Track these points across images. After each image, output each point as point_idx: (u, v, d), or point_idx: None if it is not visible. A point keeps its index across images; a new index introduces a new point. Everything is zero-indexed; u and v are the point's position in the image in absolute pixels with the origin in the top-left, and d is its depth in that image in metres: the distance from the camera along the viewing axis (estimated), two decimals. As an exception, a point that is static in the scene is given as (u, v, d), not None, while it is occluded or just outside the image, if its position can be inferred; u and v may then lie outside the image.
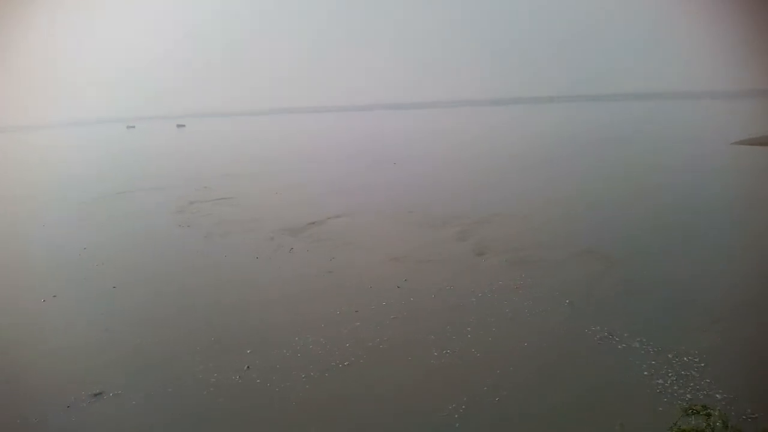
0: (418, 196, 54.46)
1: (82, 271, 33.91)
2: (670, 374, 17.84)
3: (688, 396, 16.49)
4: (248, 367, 20.33)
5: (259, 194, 61.86)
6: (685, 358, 18.76)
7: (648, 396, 16.83)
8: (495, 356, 19.86)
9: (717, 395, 16.44)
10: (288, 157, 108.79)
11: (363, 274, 30.27)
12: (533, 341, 20.96)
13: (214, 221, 46.88)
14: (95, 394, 18.91)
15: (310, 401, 18.00)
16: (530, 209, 45.98)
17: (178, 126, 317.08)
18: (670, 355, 18.98)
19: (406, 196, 54.94)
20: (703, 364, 18.31)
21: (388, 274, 29.90)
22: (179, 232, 43.73)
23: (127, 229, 45.71)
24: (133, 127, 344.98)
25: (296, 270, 31.87)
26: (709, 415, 9.87)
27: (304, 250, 36.12)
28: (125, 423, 17.34)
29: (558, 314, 23.30)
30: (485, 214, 44.08)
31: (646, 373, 18.08)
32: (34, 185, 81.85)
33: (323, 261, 33.23)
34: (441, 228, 40.35)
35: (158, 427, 17.06)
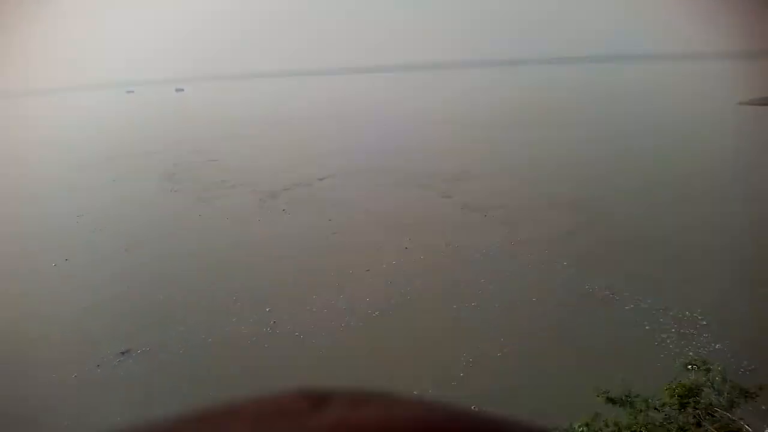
0: (402, 156, 55.48)
1: (82, 237, 34.08)
2: (672, 331, 18.66)
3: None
4: (274, 322, 21.13)
5: (249, 156, 62.03)
6: (687, 313, 19.59)
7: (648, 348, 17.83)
8: (506, 312, 20.98)
9: (717, 346, 17.45)
10: (277, 119, 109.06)
11: (365, 234, 31.07)
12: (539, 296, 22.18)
13: (202, 185, 46.90)
14: (123, 353, 19.51)
15: (338, 349, 18.91)
16: (515, 167, 47.48)
17: (177, 90, 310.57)
18: (671, 313, 19.73)
19: (391, 156, 55.96)
20: (701, 318, 19.21)
21: (388, 234, 30.77)
22: (171, 197, 43.74)
23: (118, 196, 45.48)
24: (132, 91, 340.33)
25: (299, 231, 32.50)
26: (708, 370, 9.82)
27: (297, 212, 36.69)
28: (155, 378, 18.01)
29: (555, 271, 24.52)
30: (472, 173, 45.39)
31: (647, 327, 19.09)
32: (28, 150, 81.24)
33: (323, 222, 33.86)
34: (427, 187, 41.47)
35: (194, 379, 17.74)
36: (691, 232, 28.53)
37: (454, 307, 21.15)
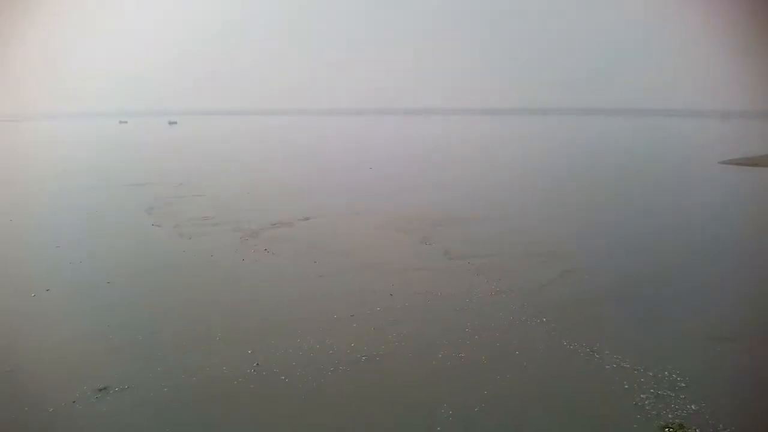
0: (384, 199, 56.73)
1: (61, 268, 33.49)
2: (651, 391, 18.59)
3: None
4: (257, 364, 20.90)
5: (233, 193, 62.41)
6: (665, 374, 19.62)
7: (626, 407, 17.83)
8: (489, 364, 21.08)
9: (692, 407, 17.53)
10: (266, 156, 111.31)
11: (349, 278, 31.21)
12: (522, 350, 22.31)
13: (185, 220, 46.83)
14: (100, 389, 19.03)
15: (320, 395, 18.71)
16: (501, 214, 48.88)
17: (170, 123, 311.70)
18: (650, 373, 19.71)
19: (379, 199, 57.12)
20: (679, 380, 19.19)
21: (371, 278, 30.95)
22: (152, 231, 43.42)
23: (98, 228, 45.11)
24: (126, 122, 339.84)
25: (283, 272, 32.44)
26: None
27: (281, 252, 36.65)
28: (133, 417, 17.57)
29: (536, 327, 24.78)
30: (453, 218, 46.52)
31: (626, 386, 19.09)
32: (9, 176, 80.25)
33: (307, 264, 33.92)
34: (410, 232, 42.14)
35: (171, 421, 17.35)
36: (672, 288, 29.19)
37: (440, 356, 21.24)
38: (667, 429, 16.03)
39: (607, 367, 20.27)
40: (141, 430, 16.98)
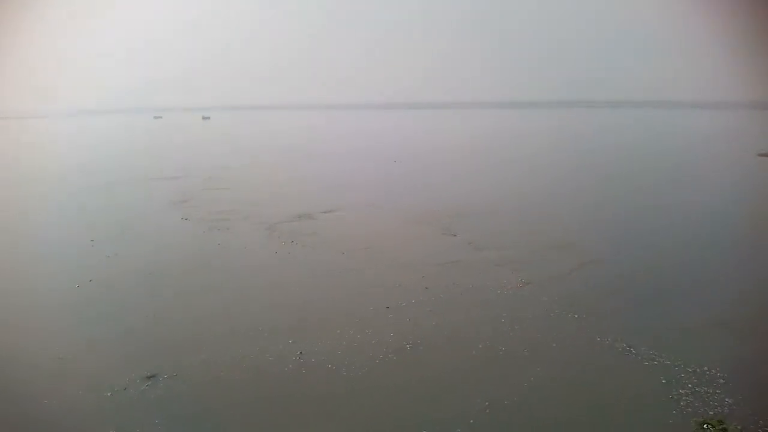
0: (411, 192, 57.10)
1: (99, 260, 34.29)
2: (689, 386, 18.47)
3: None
4: (300, 352, 21.44)
5: (261, 186, 63.28)
6: (699, 369, 19.42)
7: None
8: (527, 357, 21.35)
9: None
10: (294, 149, 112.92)
11: (379, 270, 31.65)
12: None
13: (213, 214, 47.50)
14: (149, 377, 19.66)
15: (367, 381, 19.17)
16: (518, 206, 49.09)
17: (204, 118, 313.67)
18: (689, 369, 19.59)
19: (401, 192, 57.67)
20: (719, 375, 19.04)
21: (401, 270, 31.30)
22: (183, 224, 44.25)
23: (130, 221, 46.03)
24: (160, 117, 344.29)
25: (314, 265, 32.90)
26: (725, 430, 9.89)
27: (311, 245, 37.09)
28: (182, 403, 18.14)
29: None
30: (475, 211, 46.66)
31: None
32: (47, 171, 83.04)
33: (336, 256, 34.39)
34: (433, 224, 42.35)
35: (219, 407, 17.93)
36: (710, 282, 29.09)
37: (480, 347, 21.66)
38: (706, 425, 15.83)
39: (646, 363, 20.32)
40: (191, 415, 17.59)
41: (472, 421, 16.91)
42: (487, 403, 17.76)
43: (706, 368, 19.54)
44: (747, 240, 38.30)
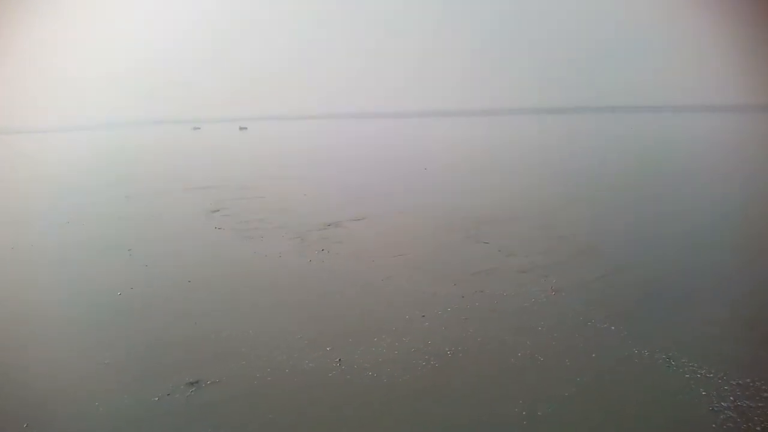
0: (436, 198, 55.77)
1: (136, 270, 34.55)
2: (731, 399, 18.05)
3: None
4: (339, 359, 21.79)
5: (293, 195, 63.17)
6: (748, 380, 18.74)
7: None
8: (564, 366, 21.24)
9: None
10: (324, 158, 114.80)
11: (412, 279, 31.70)
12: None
13: (246, 223, 47.44)
14: (192, 383, 20.12)
15: (408, 388, 19.14)
16: (538, 212, 48.40)
17: (241, 128, 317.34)
18: (733, 381, 19.22)
19: (425, 199, 56.56)
20: (764, 388, 18.39)
21: (432, 278, 31.33)
22: (216, 233, 44.15)
23: (164, 230, 46.58)
24: (199, 128, 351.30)
25: (348, 274, 33.02)
26: None
27: (341, 253, 36.90)
28: (226, 409, 18.32)
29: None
30: (499, 218, 45.72)
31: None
32: (86, 181, 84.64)
33: (368, 265, 34.52)
34: (459, 231, 41.53)
35: (260, 413, 17.98)
36: (742, 288, 28.31)
37: (519, 355, 21.66)
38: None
39: (687, 376, 19.91)
40: (235, 421, 17.98)
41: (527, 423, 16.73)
42: (524, 413, 17.74)
43: (749, 380, 19.10)
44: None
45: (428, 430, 17.18)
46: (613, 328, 24.07)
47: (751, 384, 18.66)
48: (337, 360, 21.82)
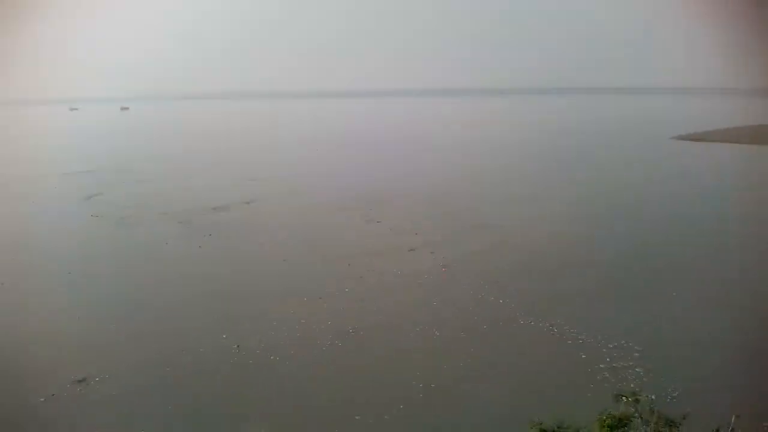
0: (338, 182, 55.64)
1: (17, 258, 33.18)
2: (607, 360, 19.97)
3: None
4: (237, 346, 21.50)
5: (177, 177, 62.27)
6: (622, 342, 21.04)
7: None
8: (462, 338, 22.28)
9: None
10: (214, 140, 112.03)
11: (304, 259, 32.02)
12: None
13: (125, 209, 46.07)
14: (80, 380, 19.08)
15: (298, 374, 19.52)
16: (427, 192, 49.44)
17: (122, 109, 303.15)
18: (610, 345, 21.02)
19: (326, 182, 56.11)
20: (636, 349, 20.67)
21: (328, 259, 31.69)
22: (90, 218, 42.99)
23: (37, 219, 44.30)
24: (77, 109, 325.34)
25: (243, 256, 32.87)
26: (637, 400, 10.66)
27: (230, 237, 37.21)
28: (114, 404, 17.89)
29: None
30: (390, 196, 46.33)
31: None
32: None
33: (255, 247, 34.51)
34: (351, 210, 43.05)
35: (168, 398, 17.83)
36: (627, 261, 31.04)
37: (418, 329, 22.48)
38: (622, 397, 16.29)
39: (569, 342, 21.46)
40: (125, 416, 17.47)
41: (401, 406, 17.60)
42: (421, 385, 18.36)
43: (623, 342, 21.06)
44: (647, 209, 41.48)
45: (335, 408, 17.51)
46: (501, 301, 25.27)
47: (625, 345, 20.90)
48: (236, 346, 21.47)
